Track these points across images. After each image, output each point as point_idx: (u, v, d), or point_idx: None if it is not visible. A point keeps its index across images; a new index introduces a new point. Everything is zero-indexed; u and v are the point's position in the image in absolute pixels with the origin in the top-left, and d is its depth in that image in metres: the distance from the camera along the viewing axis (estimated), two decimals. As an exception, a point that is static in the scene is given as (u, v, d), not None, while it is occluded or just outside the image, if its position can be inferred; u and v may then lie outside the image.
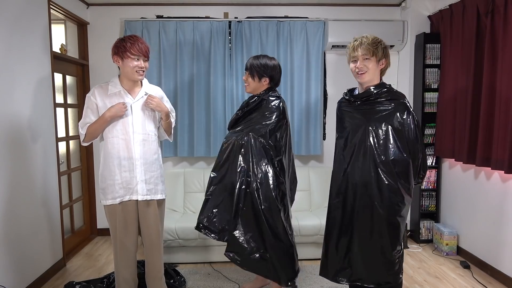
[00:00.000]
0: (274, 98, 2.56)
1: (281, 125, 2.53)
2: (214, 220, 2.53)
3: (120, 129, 2.31)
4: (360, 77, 2.11)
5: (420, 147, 2.08)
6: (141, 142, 2.34)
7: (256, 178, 2.44)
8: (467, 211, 3.46)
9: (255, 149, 2.47)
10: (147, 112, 2.39)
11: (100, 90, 2.34)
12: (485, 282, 3.03)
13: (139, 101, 2.37)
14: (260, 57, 2.59)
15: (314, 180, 3.91)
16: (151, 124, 2.41)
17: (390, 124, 2.03)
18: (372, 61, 2.07)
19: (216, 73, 3.89)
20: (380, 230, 2.05)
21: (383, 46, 2.09)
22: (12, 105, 2.69)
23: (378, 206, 2.03)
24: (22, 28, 2.81)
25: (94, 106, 2.32)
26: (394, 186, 2.01)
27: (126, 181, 2.34)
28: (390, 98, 2.08)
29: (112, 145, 2.32)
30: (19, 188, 2.75)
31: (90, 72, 4.00)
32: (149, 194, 2.39)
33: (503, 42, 2.83)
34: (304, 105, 3.97)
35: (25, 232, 2.82)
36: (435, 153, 3.81)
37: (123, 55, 2.26)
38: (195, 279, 3.09)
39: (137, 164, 2.33)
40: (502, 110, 2.84)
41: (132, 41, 2.27)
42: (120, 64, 2.31)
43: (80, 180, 3.99)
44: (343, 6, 4.03)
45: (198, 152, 3.96)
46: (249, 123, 2.56)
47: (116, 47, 2.29)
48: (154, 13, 3.95)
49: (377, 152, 2.03)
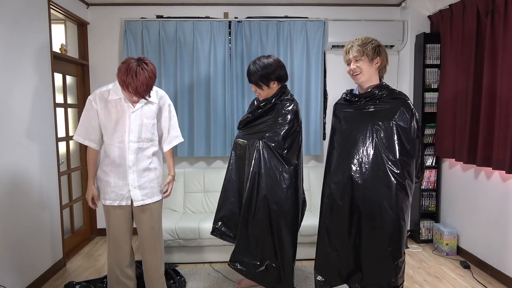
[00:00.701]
0: (288, 102, 2.48)
1: (294, 130, 2.46)
2: (228, 224, 2.56)
3: (116, 138, 2.31)
4: (355, 78, 2.14)
5: (420, 147, 2.08)
6: (135, 150, 2.33)
7: (267, 186, 2.36)
8: (467, 211, 3.46)
9: (268, 156, 2.39)
10: (146, 120, 2.34)
11: (101, 96, 2.30)
12: (485, 282, 3.03)
13: (138, 110, 2.31)
14: (257, 63, 2.44)
15: (314, 180, 3.91)
16: (148, 132, 2.37)
17: (396, 123, 2.03)
18: (364, 62, 2.08)
19: (216, 73, 3.89)
20: (388, 231, 2.01)
21: (374, 45, 2.08)
22: (12, 105, 2.68)
23: (388, 207, 2.00)
24: (22, 28, 2.81)
25: (95, 112, 2.31)
26: (403, 185, 1.99)
27: (119, 187, 2.34)
28: (394, 97, 2.08)
29: (109, 151, 2.33)
30: (19, 188, 2.75)
31: (90, 72, 4.00)
32: (144, 199, 2.39)
33: (503, 42, 2.83)
34: (304, 105, 3.97)
35: (25, 232, 2.82)
36: (435, 153, 3.81)
37: (121, 84, 2.16)
38: (195, 279, 3.09)
39: (130, 172, 2.33)
40: (502, 109, 2.84)
41: (132, 78, 2.11)
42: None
43: (80, 180, 3.99)
44: (343, 6, 4.03)
45: (198, 152, 3.96)
46: (262, 127, 2.49)
47: (119, 70, 2.15)
48: (154, 13, 3.95)
49: (385, 151, 2.02)
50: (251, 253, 2.40)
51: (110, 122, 2.30)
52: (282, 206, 2.37)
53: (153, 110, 2.38)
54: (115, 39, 3.99)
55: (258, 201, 2.36)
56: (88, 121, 2.34)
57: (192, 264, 3.40)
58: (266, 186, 2.36)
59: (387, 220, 2.01)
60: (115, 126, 2.30)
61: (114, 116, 2.29)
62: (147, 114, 2.35)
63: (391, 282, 2.04)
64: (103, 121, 2.31)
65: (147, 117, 2.35)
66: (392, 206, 2.00)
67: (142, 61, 2.16)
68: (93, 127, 2.34)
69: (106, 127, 2.32)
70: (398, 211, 2.00)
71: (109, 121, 2.30)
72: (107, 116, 2.30)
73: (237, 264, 2.43)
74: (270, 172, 2.37)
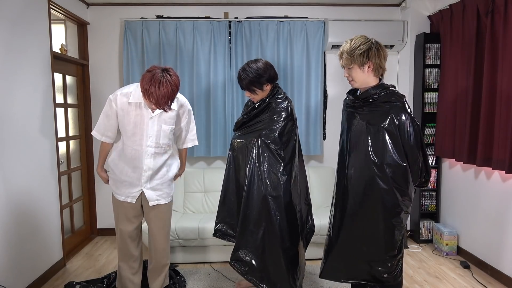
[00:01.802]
0: (281, 100, 2.52)
1: (290, 126, 2.50)
2: (230, 224, 2.58)
3: (135, 140, 2.32)
4: (350, 84, 2.16)
5: (421, 151, 2.03)
6: (152, 154, 2.36)
7: (265, 183, 2.38)
8: (467, 211, 3.46)
9: (265, 155, 2.42)
10: (164, 126, 2.35)
11: (122, 98, 2.29)
12: (485, 282, 3.03)
13: (157, 116, 2.31)
14: (246, 69, 2.46)
15: (314, 180, 3.91)
16: (166, 138, 2.39)
17: (385, 128, 2.00)
18: (355, 69, 2.07)
19: (216, 73, 3.89)
20: (374, 232, 2.04)
21: (362, 50, 2.02)
22: (12, 105, 2.68)
23: (374, 209, 2.02)
24: (22, 28, 2.81)
25: (114, 112, 2.31)
26: (389, 190, 1.99)
27: (131, 184, 2.39)
28: (387, 100, 2.04)
29: (126, 151, 2.36)
30: (19, 188, 2.75)
31: (90, 72, 4.00)
32: (159, 199, 2.46)
33: (503, 42, 2.83)
34: (304, 105, 3.97)
35: (25, 232, 2.82)
36: (435, 153, 3.81)
37: (143, 92, 2.13)
38: (195, 279, 3.09)
39: (144, 175, 2.38)
40: (502, 109, 2.84)
41: (155, 89, 2.07)
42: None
43: (80, 180, 3.99)
44: (343, 6, 4.03)
45: (198, 152, 3.96)
46: (258, 126, 2.52)
47: (143, 78, 2.12)
48: (154, 13, 3.95)
49: (373, 156, 2.01)
50: (251, 251, 2.39)
51: (129, 125, 2.31)
52: (281, 203, 2.39)
53: (172, 117, 2.38)
54: (115, 39, 3.99)
55: (257, 198, 2.38)
56: (107, 120, 2.35)
57: (192, 264, 3.40)
58: (264, 183, 2.38)
59: (372, 223, 2.04)
60: (133, 129, 2.31)
61: (133, 119, 2.30)
62: (166, 120, 2.36)
63: (377, 275, 2.09)
64: (121, 122, 2.33)
65: (166, 123, 2.36)
66: (379, 209, 2.01)
67: (167, 72, 2.11)
68: (111, 125, 2.37)
69: (125, 128, 2.33)
70: (384, 213, 2.01)
71: (128, 123, 2.31)
72: (125, 119, 2.30)
73: (237, 263, 2.42)
74: (268, 169, 2.40)
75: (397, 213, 2.02)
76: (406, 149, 2.00)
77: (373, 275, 2.08)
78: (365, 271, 2.10)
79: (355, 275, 2.14)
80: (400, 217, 2.04)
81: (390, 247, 2.05)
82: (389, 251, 2.05)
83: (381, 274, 2.06)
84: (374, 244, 2.06)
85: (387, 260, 2.05)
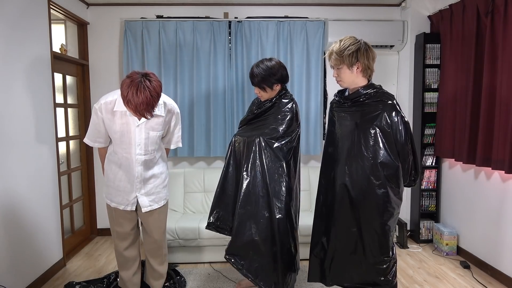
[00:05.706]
0: (287, 100, 2.55)
1: (293, 128, 2.52)
2: (225, 217, 2.57)
3: (124, 148, 2.30)
4: (338, 84, 2.18)
5: (411, 150, 2.03)
6: (142, 162, 2.34)
7: (265, 180, 2.40)
8: (467, 211, 3.46)
9: (266, 152, 2.44)
10: (152, 133, 2.30)
11: (106, 106, 2.23)
12: (485, 282, 3.03)
13: (143, 123, 2.25)
14: (260, 66, 2.48)
15: (314, 180, 3.91)
16: (154, 143, 2.36)
17: (378, 126, 2.01)
18: (343, 69, 2.09)
19: (216, 73, 3.89)
20: (366, 232, 2.04)
21: (351, 51, 2.03)
22: (12, 105, 2.68)
23: (366, 209, 2.02)
24: (22, 28, 2.81)
25: (100, 120, 2.28)
26: (383, 189, 1.99)
27: (125, 192, 2.38)
28: (378, 100, 2.05)
29: (119, 156, 2.34)
30: (19, 188, 2.75)
31: (90, 72, 4.00)
32: (152, 205, 2.44)
33: (503, 42, 2.83)
34: (304, 105, 3.97)
35: (25, 232, 2.82)
36: (435, 153, 3.81)
37: (122, 99, 2.04)
38: (195, 279, 3.09)
39: (137, 181, 2.36)
40: (502, 109, 2.84)
41: (132, 95, 1.97)
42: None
43: (80, 180, 3.99)
44: (343, 6, 4.03)
45: (198, 152, 3.96)
46: (262, 124, 2.54)
47: (122, 84, 2.03)
48: (154, 13, 3.95)
49: (366, 155, 2.01)
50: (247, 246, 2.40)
51: (116, 133, 2.27)
52: (280, 201, 2.40)
53: (159, 123, 2.32)
54: (115, 39, 3.99)
55: (256, 195, 2.40)
56: (95, 127, 2.34)
57: (192, 264, 3.40)
58: (264, 180, 2.40)
59: (363, 223, 2.04)
60: (120, 138, 2.28)
61: (119, 128, 2.25)
62: (154, 127, 2.30)
63: (370, 279, 2.09)
64: (109, 129, 2.30)
65: (153, 130, 2.30)
66: (371, 209, 2.02)
67: (147, 77, 2.00)
68: (100, 132, 2.35)
69: (112, 136, 2.32)
70: (377, 213, 2.01)
71: (114, 132, 2.28)
72: (112, 127, 2.27)
73: (233, 257, 2.41)
74: (268, 167, 2.42)
75: (391, 213, 2.02)
76: (398, 148, 2.01)
77: (369, 278, 2.08)
78: (360, 274, 2.10)
79: (350, 279, 2.14)
80: (394, 217, 2.04)
81: (385, 250, 2.05)
82: (384, 253, 2.05)
83: (378, 277, 2.06)
84: (369, 246, 2.06)
85: (383, 262, 2.05)
